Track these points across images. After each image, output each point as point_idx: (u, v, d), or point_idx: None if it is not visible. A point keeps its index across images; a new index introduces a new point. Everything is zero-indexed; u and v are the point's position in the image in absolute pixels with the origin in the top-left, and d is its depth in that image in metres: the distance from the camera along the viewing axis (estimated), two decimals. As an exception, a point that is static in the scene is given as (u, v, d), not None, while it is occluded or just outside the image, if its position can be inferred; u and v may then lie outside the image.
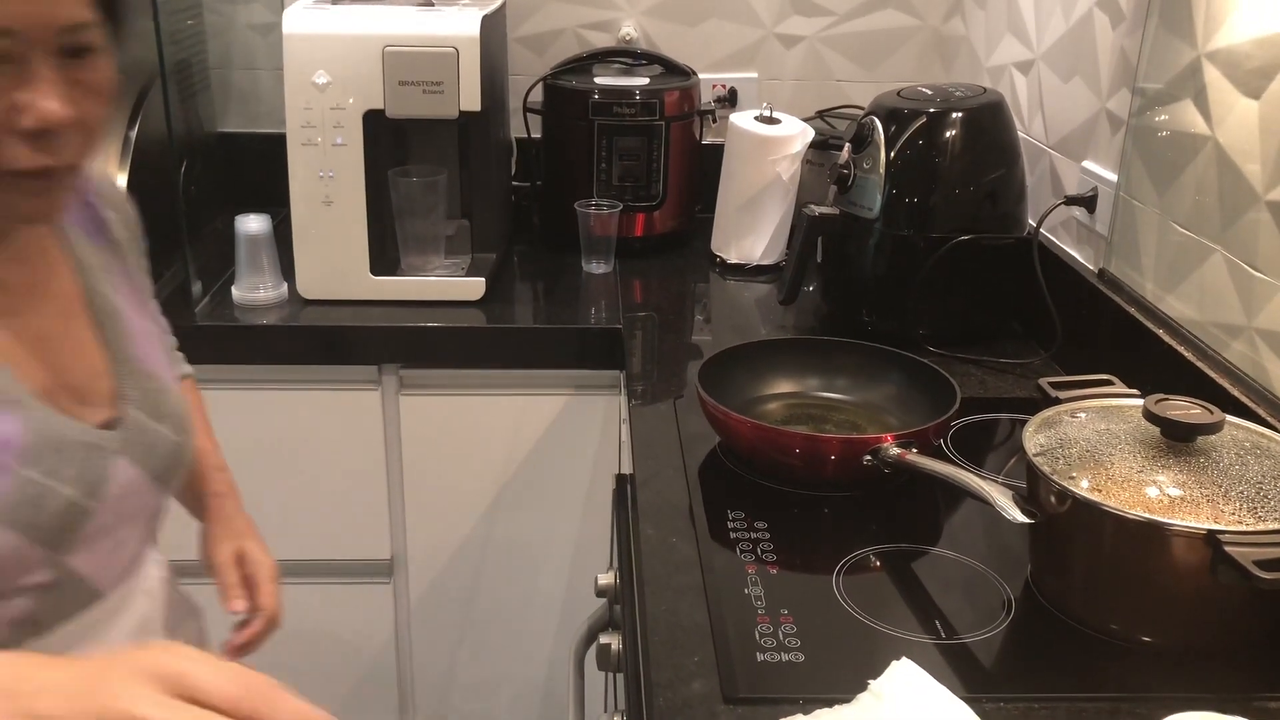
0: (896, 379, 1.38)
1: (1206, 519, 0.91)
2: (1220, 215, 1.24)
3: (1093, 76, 1.54)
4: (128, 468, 0.89)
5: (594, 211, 1.88)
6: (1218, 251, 1.24)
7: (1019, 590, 1.05)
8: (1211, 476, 0.95)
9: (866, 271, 1.61)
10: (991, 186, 1.58)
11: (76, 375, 0.89)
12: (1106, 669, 0.95)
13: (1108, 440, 1.01)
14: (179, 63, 1.87)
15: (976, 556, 1.11)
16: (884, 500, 1.21)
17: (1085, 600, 1.00)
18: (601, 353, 1.69)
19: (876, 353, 1.40)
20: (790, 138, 1.88)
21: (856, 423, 1.35)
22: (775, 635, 0.97)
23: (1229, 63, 1.22)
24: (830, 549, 1.11)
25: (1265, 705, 0.90)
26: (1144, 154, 1.41)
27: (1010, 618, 1.01)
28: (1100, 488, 0.96)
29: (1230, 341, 1.22)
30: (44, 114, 0.77)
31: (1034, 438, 1.04)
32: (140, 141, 1.70)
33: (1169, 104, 1.35)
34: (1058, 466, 0.99)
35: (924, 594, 1.06)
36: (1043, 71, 1.71)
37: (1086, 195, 1.53)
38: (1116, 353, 1.40)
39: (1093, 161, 1.55)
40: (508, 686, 1.90)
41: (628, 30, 2.13)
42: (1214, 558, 0.89)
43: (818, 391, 1.40)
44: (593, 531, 1.80)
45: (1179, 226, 1.32)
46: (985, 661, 0.96)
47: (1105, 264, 1.50)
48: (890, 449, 1.17)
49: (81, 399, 0.88)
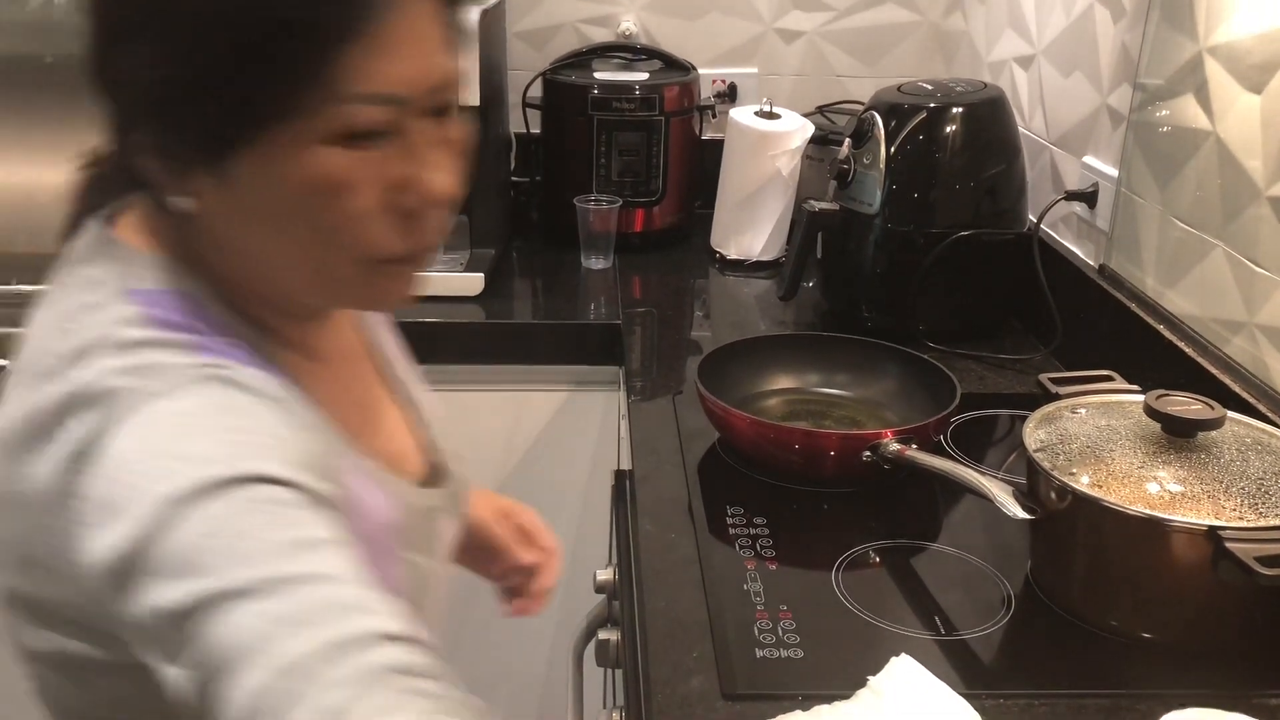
0: (896, 374, 1.37)
1: (1207, 515, 0.91)
2: (1221, 211, 1.24)
3: (1093, 71, 1.54)
4: (450, 524, 0.87)
5: (593, 207, 1.87)
6: (1219, 247, 1.24)
7: (1019, 586, 1.05)
8: (1212, 472, 0.95)
9: (866, 267, 1.61)
10: (992, 182, 1.58)
11: (393, 439, 0.85)
12: (1107, 665, 0.95)
13: (1108, 436, 1.00)
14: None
15: (976, 553, 1.10)
16: (884, 496, 1.21)
17: (1085, 596, 1.00)
18: (601, 348, 1.69)
19: (876, 348, 1.40)
20: (790, 133, 1.88)
21: (856, 418, 1.34)
22: (774, 631, 0.97)
23: (1230, 57, 1.22)
24: (830, 545, 1.11)
25: (1266, 702, 0.89)
26: (1145, 149, 1.41)
27: (1010, 614, 1.01)
28: (1101, 484, 0.96)
29: (1231, 337, 1.22)
30: (434, 191, 0.67)
31: (1034, 433, 1.03)
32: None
33: (1170, 99, 1.34)
34: (1058, 462, 0.99)
35: (924, 590, 1.06)
36: (1043, 67, 1.70)
37: (1087, 191, 1.53)
38: (1117, 348, 1.40)
39: (1093, 157, 1.54)
40: (506, 682, 1.90)
41: (627, 25, 2.13)
42: (1215, 554, 0.89)
43: (817, 387, 1.40)
44: (591, 527, 1.79)
45: (1180, 222, 1.32)
46: (985, 658, 0.96)
47: (1106, 259, 1.50)
48: (890, 445, 1.17)
49: (401, 462, 0.83)
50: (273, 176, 0.64)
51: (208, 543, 0.57)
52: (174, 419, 0.61)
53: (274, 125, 0.62)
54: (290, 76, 0.61)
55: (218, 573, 0.56)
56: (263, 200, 0.65)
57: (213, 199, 0.66)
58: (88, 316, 0.66)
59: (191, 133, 0.64)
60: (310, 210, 0.65)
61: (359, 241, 0.67)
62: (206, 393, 0.63)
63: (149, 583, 0.57)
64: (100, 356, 0.63)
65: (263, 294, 0.72)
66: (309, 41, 0.61)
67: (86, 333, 0.65)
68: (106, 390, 0.62)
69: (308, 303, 0.75)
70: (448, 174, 0.68)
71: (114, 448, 0.60)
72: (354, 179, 0.64)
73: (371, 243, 0.67)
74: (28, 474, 0.63)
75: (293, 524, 0.59)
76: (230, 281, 0.71)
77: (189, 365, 0.64)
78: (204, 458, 0.59)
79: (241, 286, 0.71)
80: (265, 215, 0.66)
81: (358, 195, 0.65)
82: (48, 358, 0.65)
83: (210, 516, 0.57)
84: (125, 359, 0.63)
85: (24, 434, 0.64)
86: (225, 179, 0.65)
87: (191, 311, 0.68)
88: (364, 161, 0.64)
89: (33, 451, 0.63)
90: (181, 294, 0.68)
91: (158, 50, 0.63)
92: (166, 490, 0.58)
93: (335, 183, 0.64)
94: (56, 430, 0.62)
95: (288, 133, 0.62)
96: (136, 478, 0.59)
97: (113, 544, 0.58)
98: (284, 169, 0.64)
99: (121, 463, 0.60)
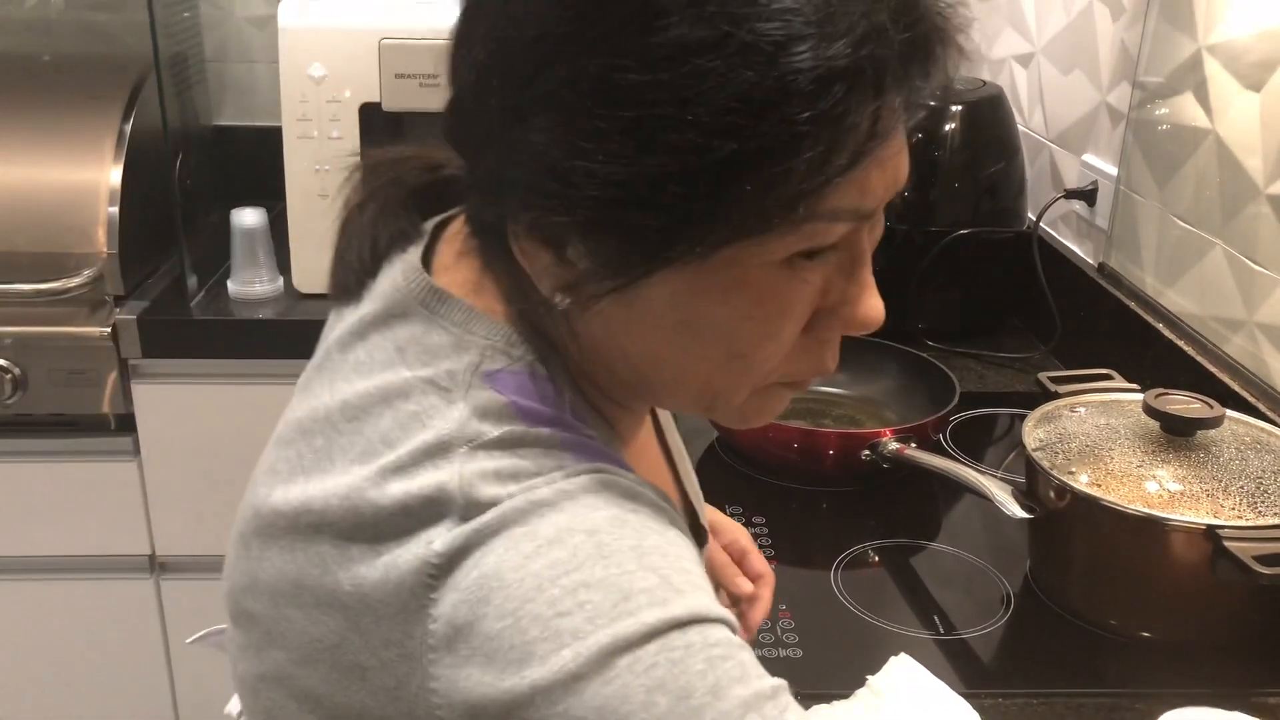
0: (895, 373, 1.37)
1: (1206, 514, 0.91)
2: (1221, 209, 1.23)
3: (1093, 70, 1.54)
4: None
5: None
6: (1218, 245, 1.24)
7: (1018, 585, 1.05)
8: (1211, 471, 0.95)
9: (865, 265, 1.60)
10: (991, 180, 1.57)
11: (675, 495, 0.78)
12: (1105, 664, 0.95)
13: (1107, 435, 1.00)
14: (174, 55, 1.86)
15: (975, 552, 1.10)
16: (882, 495, 1.21)
17: (1084, 595, 1.00)
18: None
19: (875, 347, 1.39)
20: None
21: (855, 417, 1.34)
22: (773, 630, 0.97)
23: (1230, 56, 1.22)
24: (829, 544, 1.11)
25: (1264, 700, 0.89)
26: (1144, 147, 1.40)
27: (1009, 613, 1.01)
28: (1100, 483, 0.96)
29: (1230, 336, 1.22)
30: (867, 320, 0.57)
31: (1033, 432, 1.03)
32: (135, 135, 1.69)
33: (1169, 97, 1.34)
34: (1057, 461, 0.99)
35: (923, 589, 1.06)
36: (1043, 65, 1.70)
37: (1086, 189, 1.53)
38: (1116, 347, 1.40)
39: (1093, 155, 1.54)
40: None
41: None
42: (1214, 553, 0.89)
43: (816, 386, 1.40)
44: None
45: (1179, 220, 1.32)
46: (984, 657, 0.96)
47: (1105, 258, 1.50)
48: (889, 444, 1.16)
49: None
50: (700, 291, 0.53)
51: (655, 698, 0.48)
52: (577, 538, 0.51)
53: (730, 243, 0.51)
54: (776, 199, 0.50)
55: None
56: (675, 313, 0.54)
57: (608, 305, 0.54)
58: (438, 400, 0.55)
59: (623, 243, 0.52)
60: (733, 329, 0.55)
61: (771, 364, 0.57)
62: (603, 504, 0.53)
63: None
64: (461, 455, 0.53)
65: (611, 388, 0.61)
66: (816, 171, 0.50)
67: (441, 424, 0.54)
68: (476, 499, 0.52)
69: (671, 409, 0.68)
70: (878, 298, 0.57)
71: (500, 569, 0.50)
72: (796, 300, 0.55)
73: (782, 365, 0.58)
74: (360, 574, 0.53)
75: (742, 676, 0.50)
76: (579, 367, 0.59)
77: (573, 471, 0.54)
78: (632, 591, 0.50)
79: (590, 377, 0.60)
80: (670, 327, 0.55)
81: (793, 318, 0.55)
82: (384, 447, 0.54)
83: (652, 668, 0.48)
84: (495, 461, 0.53)
85: (355, 527, 0.53)
86: (629, 288, 0.53)
87: (554, 401, 0.57)
88: (807, 281, 0.55)
89: (369, 550, 0.53)
90: (540, 378, 0.57)
91: (639, 144, 0.49)
92: (600, 634, 0.48)
93: (781, 305, 0.54)
94: (405, 536, 0.52)
95: (741, 250, 0.52)
96: (548, 611, 0.49)
97: (511, 686, 0.49)
98: (718, 284, 0.53)
99: (520, 591, 0.49)
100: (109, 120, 1.69)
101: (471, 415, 0.54)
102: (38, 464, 1.69)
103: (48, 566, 1.74)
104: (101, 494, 1.71)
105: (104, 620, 1.78)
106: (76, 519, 1.72)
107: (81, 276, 1.60)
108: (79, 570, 1.75)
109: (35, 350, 1.61)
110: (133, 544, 1.74)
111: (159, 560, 1.75)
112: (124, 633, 1.78)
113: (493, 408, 0.54)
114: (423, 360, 0.56)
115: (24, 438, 1.67)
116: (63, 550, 1.73)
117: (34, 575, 1.75)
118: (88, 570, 1.75)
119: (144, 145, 1.71)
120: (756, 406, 0.61)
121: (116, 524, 1.72)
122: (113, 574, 1.75)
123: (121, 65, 1.79)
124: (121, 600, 1.77)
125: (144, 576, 1.76)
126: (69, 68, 1.82)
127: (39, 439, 1.68)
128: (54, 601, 1.77)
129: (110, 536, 1.73)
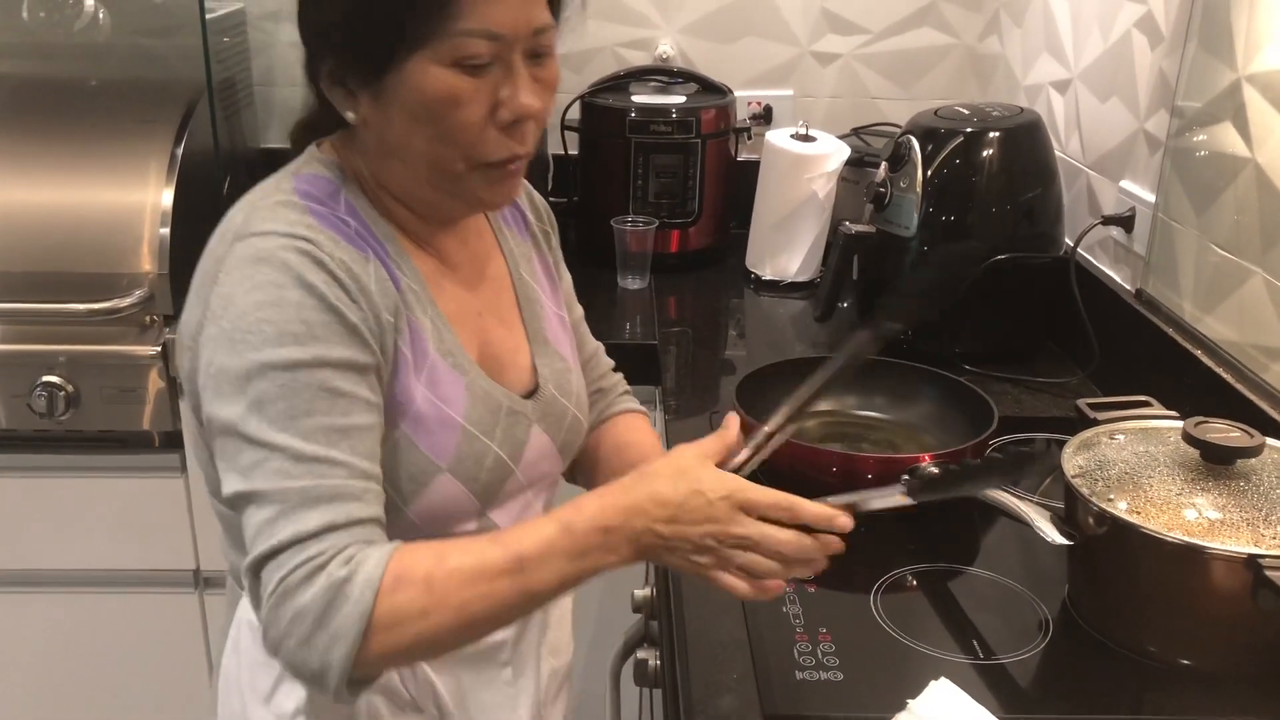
0: (933, 398, 1.38)
1: (1246, 542, 0.91)
2: (1260, 237, 1.24)
3: (1131, 97, 1.54)
4: (540, 435, 1.01)
5: (630, 228, 1.89)
6: (1258, 274, 1.24)
7: (1056, 611, 1.05)
8: (1251, 500, 0.95)
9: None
10: (1028, 206, 1.58)
11: (502, 348, 1.02)
12: (1145, 691, 0.95)
13: (1146, 462, 1.01)
14: (224, 80, 1.90)
15: (1013, 577, 1.11)
16: (921, 519, 1.21)
17: (1123, 622, 1.00)
18: (637, 368, 1.69)
19: (913, 371, 1.41)
20: (826, 155, 1.89)
21: (893, 441, 1.35)
22: (814, 653, 0.98)
23: (1269, 85, 1.22)
24: (868, 568, 1.12)
25: (1305, 730, 0.90)
26: (1182, 175, 1.41)
27: (1048, 639, 1.02)
28: (1139, 510, 0.96)
29: (1270, 364, 1.22)
30: (523, 107, 0.88)
31: (1073, 459, 1.04)
32: (186, 157, 1.73)
33: (1208, 125, 1.35)
34: (1096, 488, 0.99)
35: (961, 614, 1.06)
36: (1080, 91, 1.71)
37: (1124, 215, 1.53)
38: (1154, 373, 1.40)
39: (1130, 181, 1.55)
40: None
41: (665, 48, 2.15)
42: (1255, 582, 0.89)
43: (855, 410, 1.41)
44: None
45: (1218, 248, 1.32)
46: (1023, 682, 0.97)
47: (1143, 284, 1.50)
48: (928, 469, 1.17)
49: (504, 369, 1.00)
50: (410, 92, 0.86)
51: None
52: (252, 284, 0.85)
53: (411, 52, 0.85)
54: (422, 15, 0.84)
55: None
56: (401, 111, 0.87)
57: (369, 112, 0.89)
58: (272, 181, 0.93)
59: (357, 60, 0.87)
60: (433, 118, 0.87)
61: (468, 144, 0.88)
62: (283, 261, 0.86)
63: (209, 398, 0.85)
64: (256, 205, 0.90)
65: (398, 192, 0.94)
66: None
67: (260, 191, 0.92)
68: (245, 231, 0.87)
69: (430, 198, 0.94)
70: (537, 97, 0.89)
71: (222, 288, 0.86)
72: (465, 95, 0.86)
73: (477, 146, 0.88)
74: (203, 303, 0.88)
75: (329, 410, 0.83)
76: (377, 182, 0.94)
77: (292, 223, 0.88)
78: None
79: (385, 188, 0.94)
80: (402, 123, 0.88)
81: (468, 108, 0.86)
82: (236, 215, 0.90)
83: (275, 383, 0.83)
84: (271, 212, 0.88)
85: (202, 278, 0.90)
86: (378, 97, 0.88)
87: (328, 192, 0.92)
88: (473, 83, 0.86)
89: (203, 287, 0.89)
90: (324, 179, 0.92)
91: (335, 3, 0.88)
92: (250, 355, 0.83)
93: (452, 97, 0.86)
94: (220, 241, 0.89)
95: (421, 58, 0.85)
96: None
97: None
98: (418, 86, 0.85)
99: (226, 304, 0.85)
100: (160, 143, 1.73)
101: (276, 189, 0.91)
102: (87, 479, 1.72)
103: (94, 580, 1.78)
104: (148, 509, 1.74)
105: (149, 634, 1.81)
106: (123, 534, 1.75)
107: (132, 296, 1.64)
108: (125, 584, 1.78)
109: (87, 368, 1.65)
110: (178, 559, 1.77)
111: (203, 575, 1.78)
112: (168, 646, 1.81)
113: (286, 186, 0.91)
114: (276, 176, 0.94)
115: (74, 454, 1.71)
116: (109, 565, 1.77)
117: (81, 589, 1.78)
118: (134, 584, 1.78)
119: (194, 168, 1.75)
120: (486, 187, 0.92)
121: (162, 539, 1.75)
122: (158, 588, 1.78)
123: (171, 90, 1.82)
124: (166, 614, 1.80)
125: (189, 591, 1.79)
126: (120, 92, 1.86)
127: (89, 454, 1.71)
128: (100, 615, 1.80)
129: (156, 551, 1.76)
